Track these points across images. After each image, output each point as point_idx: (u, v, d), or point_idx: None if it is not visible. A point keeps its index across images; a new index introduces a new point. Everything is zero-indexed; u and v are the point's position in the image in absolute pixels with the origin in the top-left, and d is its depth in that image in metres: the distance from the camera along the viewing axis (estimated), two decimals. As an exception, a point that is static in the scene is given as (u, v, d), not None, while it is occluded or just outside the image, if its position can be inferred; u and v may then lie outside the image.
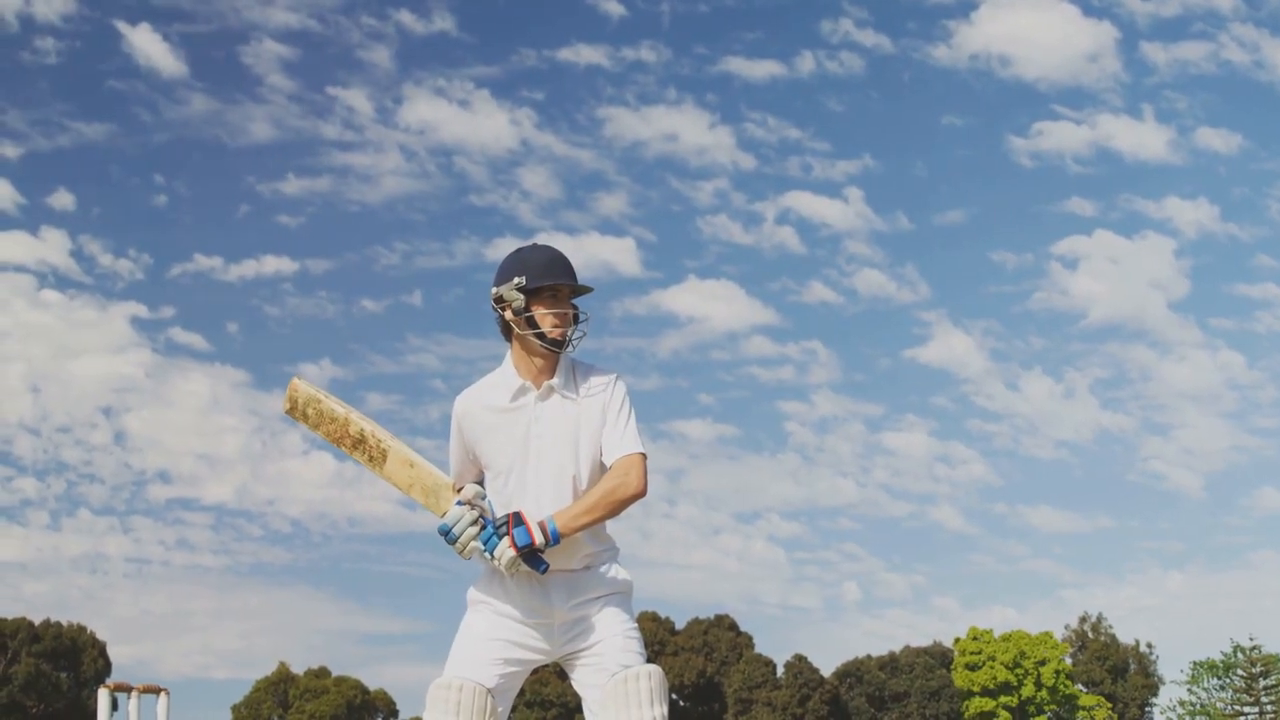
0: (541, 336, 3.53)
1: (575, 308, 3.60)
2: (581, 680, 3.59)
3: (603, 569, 3.65)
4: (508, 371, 3.63)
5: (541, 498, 3.52)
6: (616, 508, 3.50)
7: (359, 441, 3.72)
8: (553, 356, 3.59)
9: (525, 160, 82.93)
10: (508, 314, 3.57)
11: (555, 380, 3.58)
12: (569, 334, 3.56)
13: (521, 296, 3.53)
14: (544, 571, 3.46)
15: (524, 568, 3.45)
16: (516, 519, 3.44)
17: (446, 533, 3.49)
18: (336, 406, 3.78)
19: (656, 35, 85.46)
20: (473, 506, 3.52)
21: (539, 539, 3.41)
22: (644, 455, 3.55)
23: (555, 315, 3.54)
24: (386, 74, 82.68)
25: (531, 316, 3.53)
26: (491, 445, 3.59)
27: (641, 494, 3.52)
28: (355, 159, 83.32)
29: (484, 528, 3.48)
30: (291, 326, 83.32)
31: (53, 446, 74.26)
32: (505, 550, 3.41)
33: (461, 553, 3.49)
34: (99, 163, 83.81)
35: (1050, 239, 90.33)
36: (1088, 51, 78.50)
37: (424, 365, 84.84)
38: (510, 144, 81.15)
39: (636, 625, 3.68)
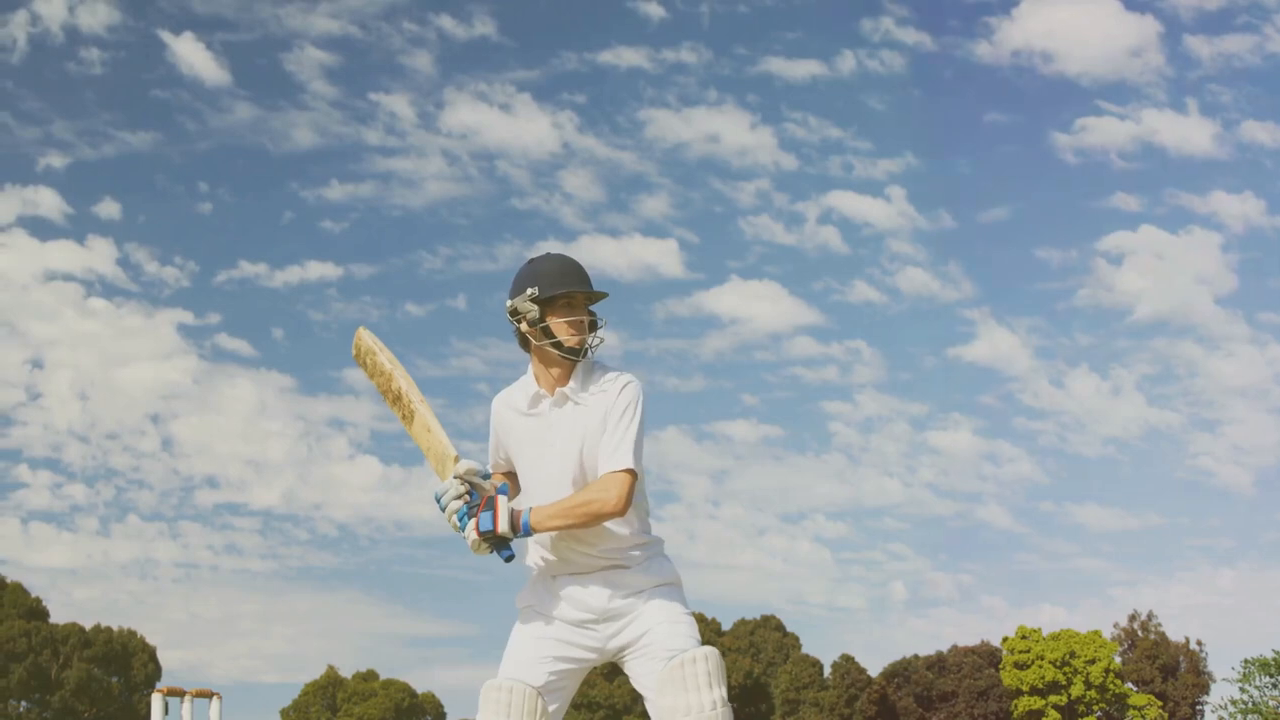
0: (559, 346, 3.54)
1: (592, 314, 3.60)
2: (637, 672, 3.57)
3: (644, 566, 3.63)
4: (527, 380, 3.68)
5: (546, 500, 3.53)
6: (589, 520, 3.45)
7: (396, 398, 3.86)
8: (570, 364, 3.60)
9: (567, 163, 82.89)
10: (524, 326, 3.59)
11: (570, 386, 3.59)
12: (586, 341, 3.56)
13: (536, 308, 3.55)
14: (507, 559, 3.47)
15: (487, 550, 3.45)
16: (489, 503, 3.44)
17: (437, 500, 3.52)
18: (385, 362, 3.90)
19: (697, 36, 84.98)
20: (464, 481, 3.52)
21: (503, 527, 3.40)
22: (630, 473, 3.48)
23: (571, 324, 3.55)
24: (428, 79, 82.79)
25: (547, 326, 3.55)
26: (512, 446, 3.69)
27: (618, 513, 3.46)
28: (398, 164, 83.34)
29: (466, 504, 3.49)
30: (336, 331, 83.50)
31: (102, 453, 74.84)
32: (470, 531, 3.44)
33: (449, 523, 3.51)
34: (144, 171, 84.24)
35: (1095, 235, 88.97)
36: (1131, 46, 77.69)
37: (468, 369, 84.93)
38: (552, 147, 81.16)
39: (689, 613, 3.64)
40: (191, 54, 78.39)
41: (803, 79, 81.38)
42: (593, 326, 3.59)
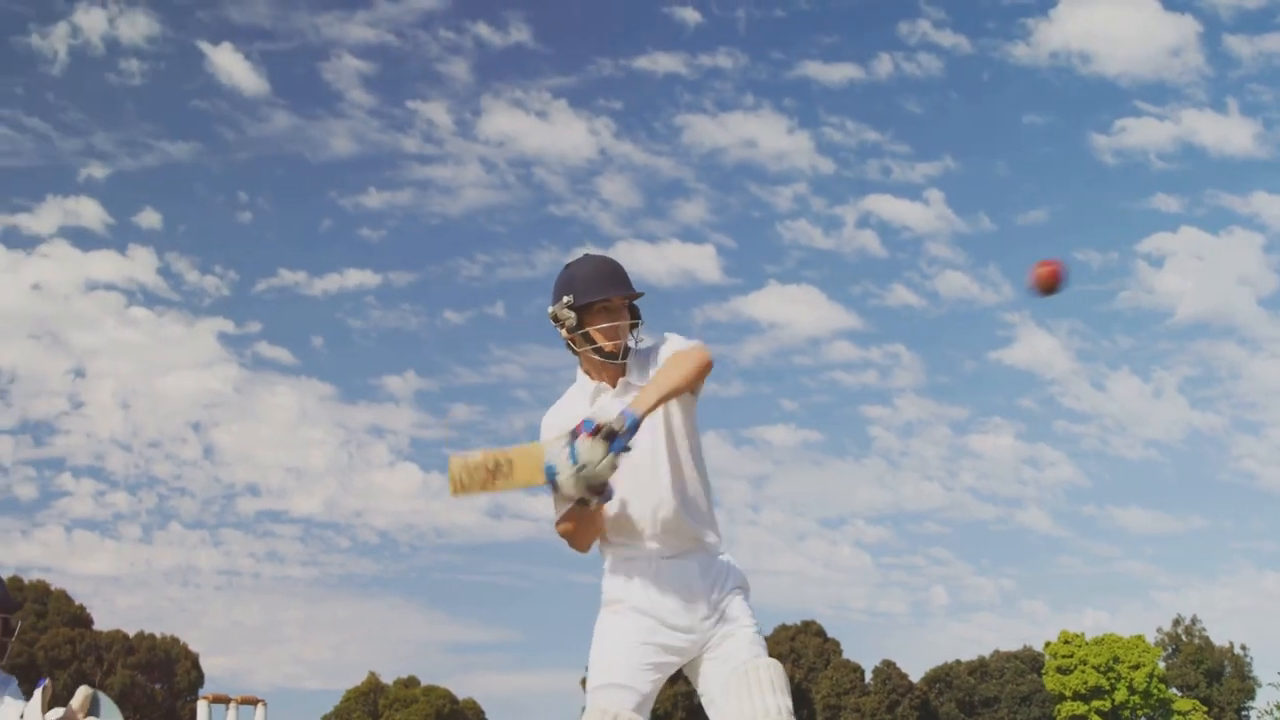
0: (599, 350, 3.53)
1: (630, 312, 3.58)
2: (707, 674, 3.47)
3: (726, 556, 3.59)
4: (582, 380, 3.65)
5: (640, 482, 3.46)
6: (693, 375, 3.37)
7: (495, 472, 3.48)
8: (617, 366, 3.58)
9: (604, 169, 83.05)
10: (563, 332, 3.58)
11: (629, 375, 3.58)
12: (626, 344, 3.55)
13: (573, 314, 3.53)
14: (619, 451, 3.18)
15: (588, 485, 3.19)
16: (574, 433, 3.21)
17: (552, 476, 3.23)
18: (482, 468, 3.44)
19: (733, 41, 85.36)
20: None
21: (606, 420, 3.18)
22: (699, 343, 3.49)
23: (606, 331, 3.54)
24: (465, 86, 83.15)
25: (586, 332, 3.54)
26: None
27: (709, 359, 3.41)
28: (435, 172, 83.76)
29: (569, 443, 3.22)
30: (375, 339, 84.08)
31: (144, 461, 75.43)
32: (583, 444, 3.17)
33: (568, 484, 3.21)
34: (184, 181, 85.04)
35: (1135, 237, 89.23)
36: (1170, 46, 77.21)
37: (508, 375, 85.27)
38: (589, 153, 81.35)
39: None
40: (230, 64, 79.34)
41: (840, 83, 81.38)
42: (633, 326, 3.57)
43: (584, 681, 3.57)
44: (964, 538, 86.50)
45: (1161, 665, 63.46)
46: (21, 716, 3.98)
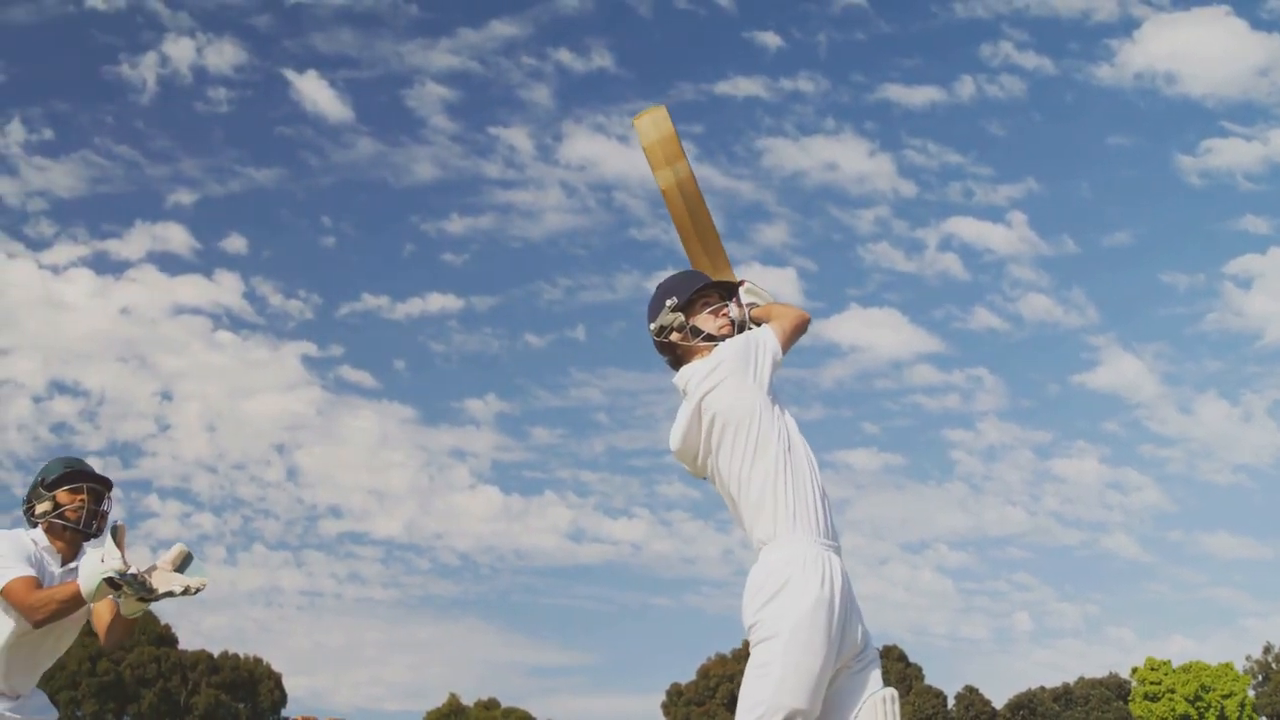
0: (712, 338, 3.62)
1: (732, 301, 3.73)
2: (843, 688, 3.27)
3: (763, 560, 3.41)
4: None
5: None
6: (800, 319, 3.64)
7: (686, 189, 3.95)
8: None
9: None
10: (674, 338, 3.65)
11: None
12: (735, 320, 3.68)
13: (679, 315, 3.64)
14: None
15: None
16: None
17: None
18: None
19: (814, 65, 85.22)
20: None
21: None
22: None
23: (714, 312, 3.69)
24: (546, 112, 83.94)
25: (694, 326, 3.64)
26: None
27: (806, 316, 3.66)
28: (517, 196, 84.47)
29: None
30: (457, 363, 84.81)
31: (229, 483, 76.60)
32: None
33: None
34: (269, 206, 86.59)
35: (1223, 258, 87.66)
36: (1258, 65, 76.45)
37: (588, 399, 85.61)
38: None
39: None
40: (315, 91, 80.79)
41: (921, 105, 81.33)
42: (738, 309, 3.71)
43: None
44: (1047, 563, 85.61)
45: (1251, 693, 62.18)
46: (102, 559, 4.04)
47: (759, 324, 3.65)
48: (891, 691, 3.32)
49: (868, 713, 3.27)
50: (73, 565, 4.47)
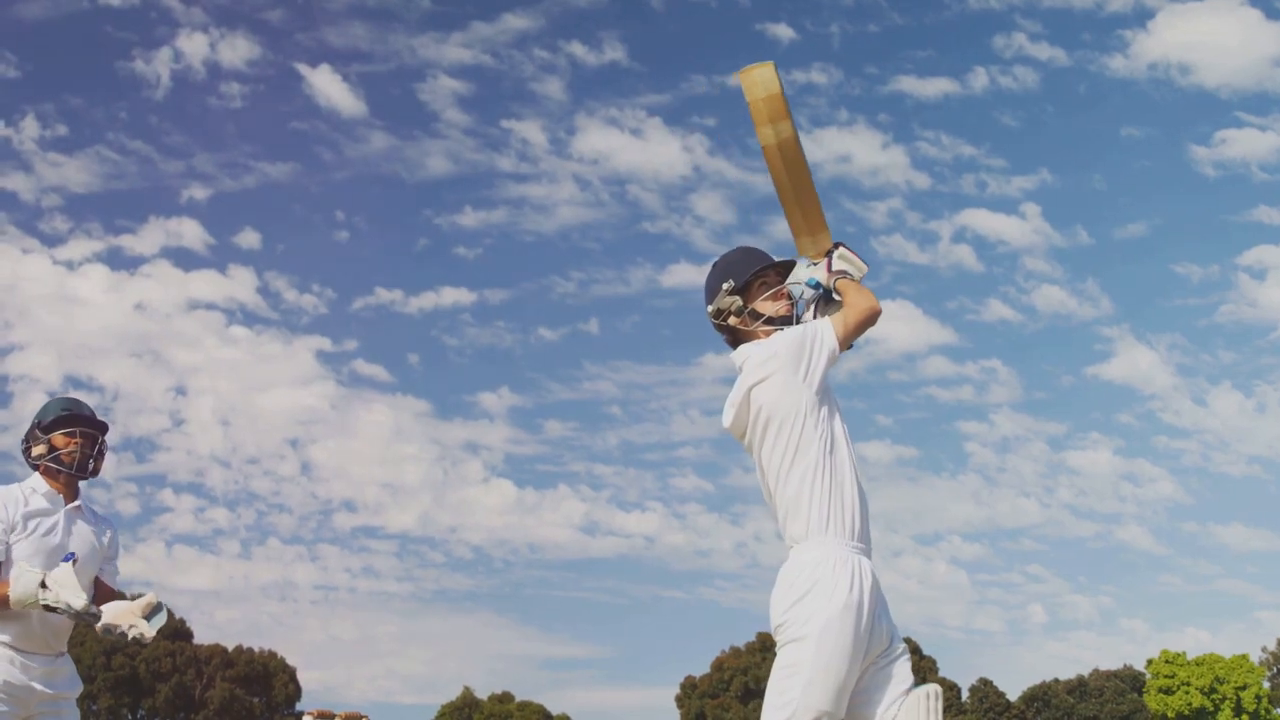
0: (771, 320, 3.61)
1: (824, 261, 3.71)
2: (870, 683, 3.29)
3: (794, 558, 3.41)
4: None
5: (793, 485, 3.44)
6: (872, 310, 3.56)
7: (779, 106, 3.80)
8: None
9: (698, 186, 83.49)
10: (732, 320, 3.63)
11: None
12: (797, 310, 3.67)
13: (737, 298, 3.62)
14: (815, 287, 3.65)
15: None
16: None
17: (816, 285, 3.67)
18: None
19: (827, 57, 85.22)
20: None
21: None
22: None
23: (773, 295, 3.65)
24: (559, 105, 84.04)
25: (753, 309, 3.63)
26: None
27: (877, 306, 3.58)
28: (530, 190, 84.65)
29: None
30: (470, 356, 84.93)
31: (243, 478, 76.78)
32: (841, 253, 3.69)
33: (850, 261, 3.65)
34: (283, 201, 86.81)
35: (1237, 249, 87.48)
36: (1272, 56, 76.22)
37: (601, 392, 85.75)
38: (683, 170, 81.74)
39: None
40: (328, 86, 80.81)
41: (934, 97, 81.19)
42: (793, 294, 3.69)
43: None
44: (1061, 555, 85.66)
45: (1266, 685, 62.07)
46: (44, 585, 4.22)
47: (840, 295, 3.62)
48: (935, 688, 3.32)
49: (909, 708, 3.28)
50: (76, 504, 4.62)
